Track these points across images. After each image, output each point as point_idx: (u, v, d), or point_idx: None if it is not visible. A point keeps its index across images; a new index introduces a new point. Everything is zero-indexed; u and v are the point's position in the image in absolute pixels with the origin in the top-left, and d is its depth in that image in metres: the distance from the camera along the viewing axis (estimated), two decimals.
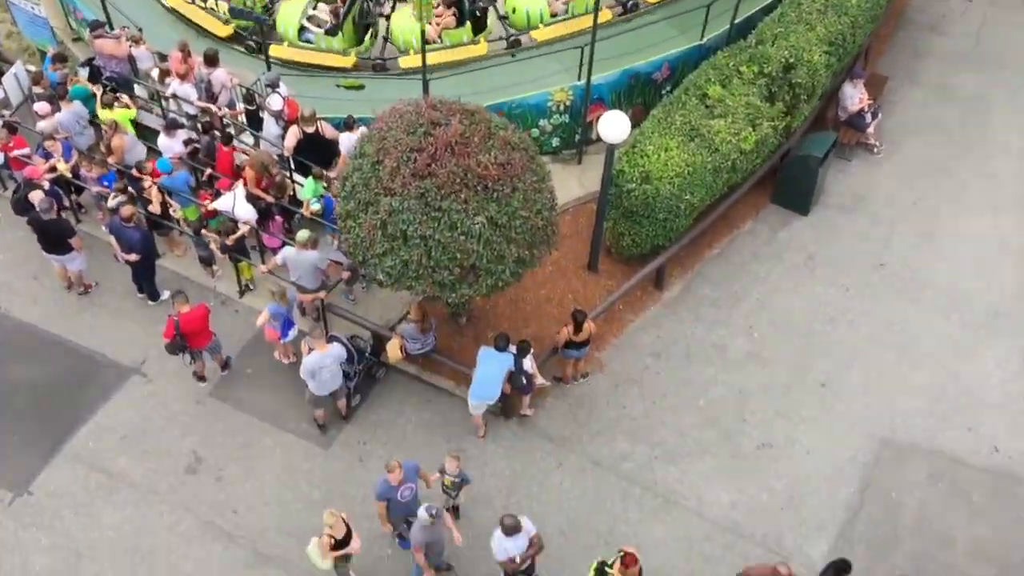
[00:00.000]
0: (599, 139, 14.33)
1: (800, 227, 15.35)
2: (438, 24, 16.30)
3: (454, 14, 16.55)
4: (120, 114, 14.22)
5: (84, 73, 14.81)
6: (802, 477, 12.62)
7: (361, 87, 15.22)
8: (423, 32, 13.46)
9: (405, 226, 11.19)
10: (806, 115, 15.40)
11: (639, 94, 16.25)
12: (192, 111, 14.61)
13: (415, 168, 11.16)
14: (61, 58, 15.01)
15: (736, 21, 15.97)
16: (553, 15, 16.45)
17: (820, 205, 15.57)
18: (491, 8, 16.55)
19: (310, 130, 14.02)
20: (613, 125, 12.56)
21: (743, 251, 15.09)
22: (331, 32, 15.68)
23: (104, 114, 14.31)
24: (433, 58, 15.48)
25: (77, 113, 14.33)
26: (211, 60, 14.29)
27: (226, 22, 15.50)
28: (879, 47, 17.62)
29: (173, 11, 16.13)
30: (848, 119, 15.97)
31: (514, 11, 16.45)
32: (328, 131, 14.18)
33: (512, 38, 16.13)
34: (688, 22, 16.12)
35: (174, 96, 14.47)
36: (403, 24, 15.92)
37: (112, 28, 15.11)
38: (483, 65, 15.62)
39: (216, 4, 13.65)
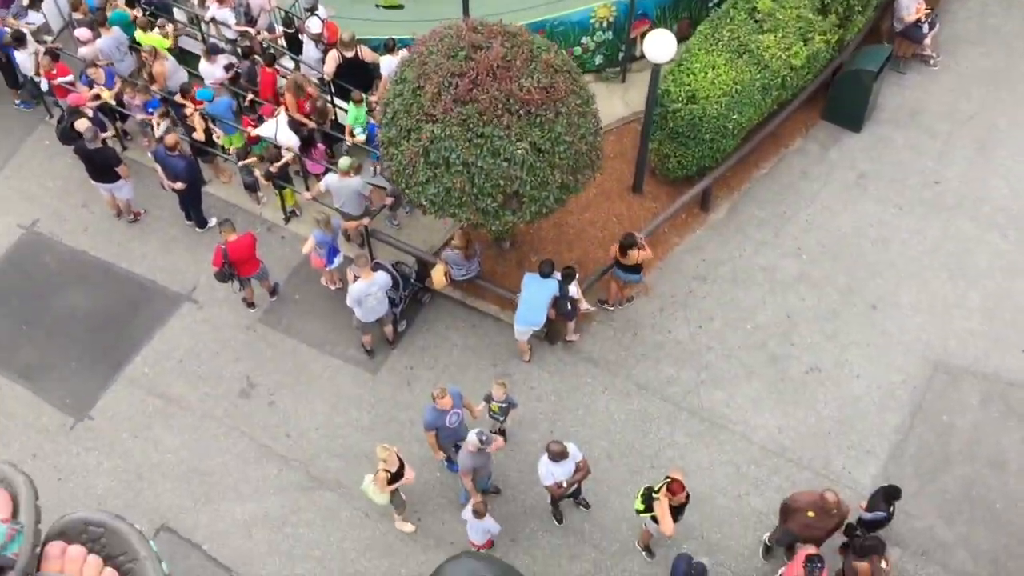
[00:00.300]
0: (643, 56, 13.96)
1: (852, 144, 14.94)
2: None
3: None
4: (156, 40, 14.13)
5: (123, 2, 14.66)
6: (851, 401, 12.56)
7: (400, 7, 14.95)
8: None
9: (447, 153, 11.09)
10: (860, 27, 14.82)
11: (685, 8, 15.76)
12: (231, 35, 14.47)
13: (456, 94, 10.99)
14: None
15: None
16: None
17: (873, 121, 15.11)
18: None
19: (349, 54, 13.83)
20: (659, 44, 12.21)
21: (792, 170, 14.76)
22: None
23: (142, 37, 14.24)
24: None
25: (117, 39, 14.26)
26: None
27: None
28: None
29: None
30: (904, 30, 15.34)
31: None
32: (368, 55, 13.99)
33: None
34: None
35: (213, 20, 14.31)
36: None
37: None
38: None
39: None
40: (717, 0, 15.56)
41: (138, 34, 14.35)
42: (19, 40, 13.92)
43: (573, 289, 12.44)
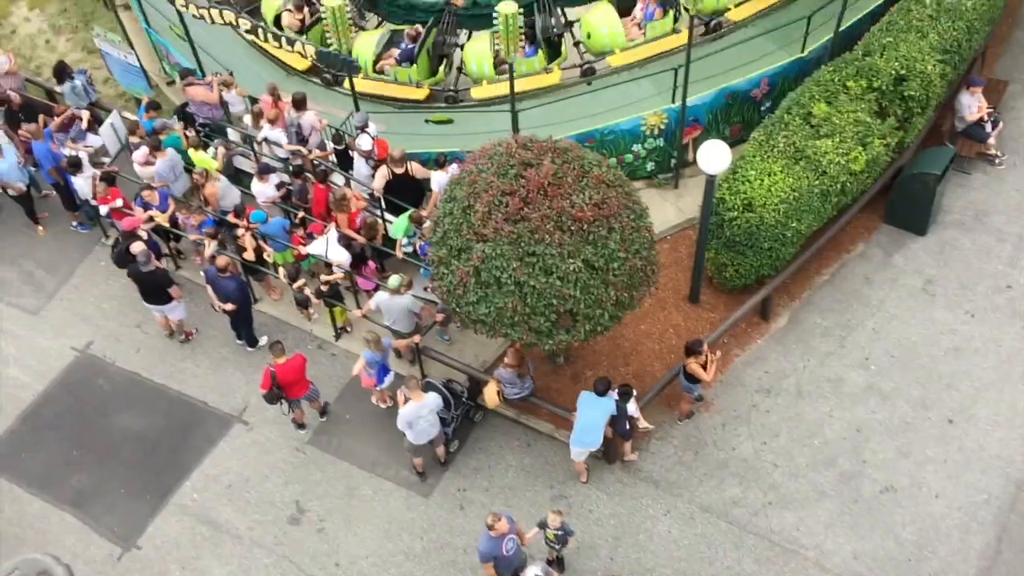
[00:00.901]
0: (695, 162, 13.80)
1: (917, 248, 14.42)
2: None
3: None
4: (205, 161, 14.30)
5: (179, 125, 14.92)
6: (931, 524, 11.80)
7: (450, 122, 14.94)
8: (511, 66, 13.11)
9: (499, 272, 10.86)
10: (920, 129, 14.45)
11: (737, 113, 15.55)
12: (283, 154, 14.58)
13: (507, 212, 10.82)
14: (155, 105, 15.17)
15: (839, 30, 15.13)
16: (630, 40, 15.83)
17: (938, 224, 14.59)
18: (567, 34, 16.02)
19: (400, 170, 13.82)
20: (713, 156, 11.96)
21: (855, 276, 14.25)
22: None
23: (193, 156, 14.42)
24: (503, 88, 15.09)
25: (172, 161, 14.46)
26: (300, 104, 14.22)
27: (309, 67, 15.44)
28: (995, 49, 16.46)
29: (254, 45, 16.15)
30: (966, 129, 14.94)
31: (589, 36, 15.89)
32: (418, 170, 13.96)
33: (586, 66, 15.61)
34: (786, 36, 15.34)
35: (265, 140, 14.45)
36: (478, 54, 15.50)
37: (203, 73, 15.20)
38: (570, 94, 15.16)
39: (303, 48, 13.57)
40: (770, 104, 15.37)
41: (189, 152, 14.54)
42: (75, 166, 14.18)
43: (631, 407, 11.99)
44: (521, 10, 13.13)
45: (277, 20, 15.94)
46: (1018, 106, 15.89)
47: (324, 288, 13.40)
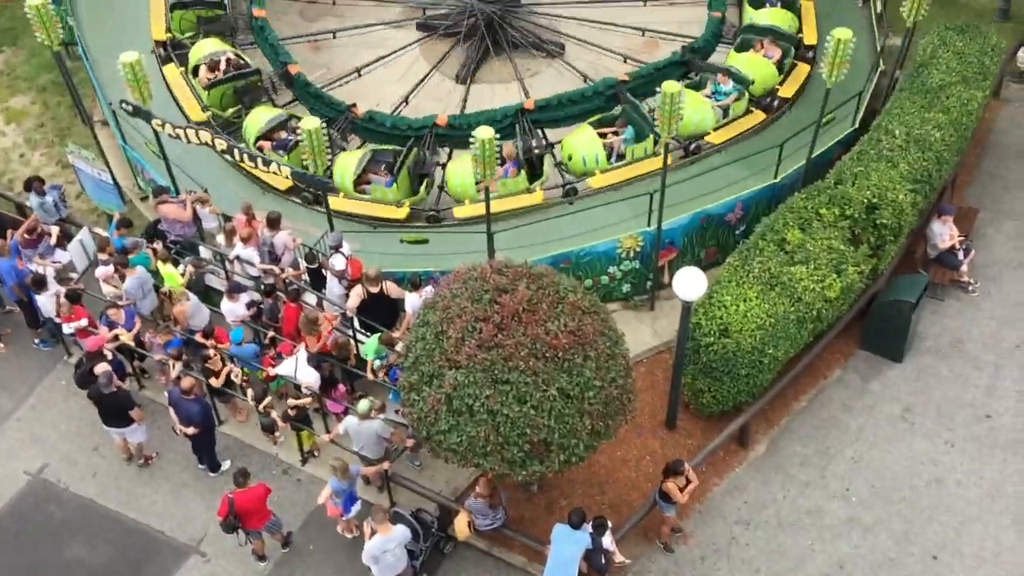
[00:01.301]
0: (671, 283, 13.77)
1: (894, 375, 14.30)
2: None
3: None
4: (171, 278, 14.08)
5: (148, 244, 14.74)
6: None
7: (425, 242, 14.84)
8: (487, 189, 13.13)
9: (471, 400, 10.58)
10: (893, 256, 14.53)
11: (712, 236, 15.61)
12: (255, 273, 14.38)
13: (481, 339, 10.60)
14: (126, 223, 14.98)
15: (811, 157, 15.34)
16: (610, 160, 16.02)
17: (914, 350, 14.52)
18: (547, 155, 16.17)
19: (375, 290, 13.63)
20: (689, 283, 11.86)
21: (832, 403, 14.07)
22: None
23: (160, 268, 14.20)
24: (482, 208, 15.16)
25: (141, 279, 14.16)
26: (274, 223, 14.10)
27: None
28: (964, 177, 16.75)
29: (234, 165, 16.17)
30: (939, 256, 15.04)
31: (571, 158, 16.07)
32: (393, 290, 13.78)
33: (568, 186, 15.72)
34: (759, 162, 15.55)
35: (237, 259, 14.26)
36: (459, 174, 15.62)
37: (177, 191, 15.10)
38: (548, 215, 15.20)
39: (279, 169, 13.54)
40: (744, 228, 15.45)
41: (157, 264, 14.32)
42: (39, 284, 13.86)
43: (607, 540, 11.57)
44: (498, 135, 13.37)
45: (195, 71, 16.90)
46: (988, 233, 16.07)
47: (292, 412, 13.02)
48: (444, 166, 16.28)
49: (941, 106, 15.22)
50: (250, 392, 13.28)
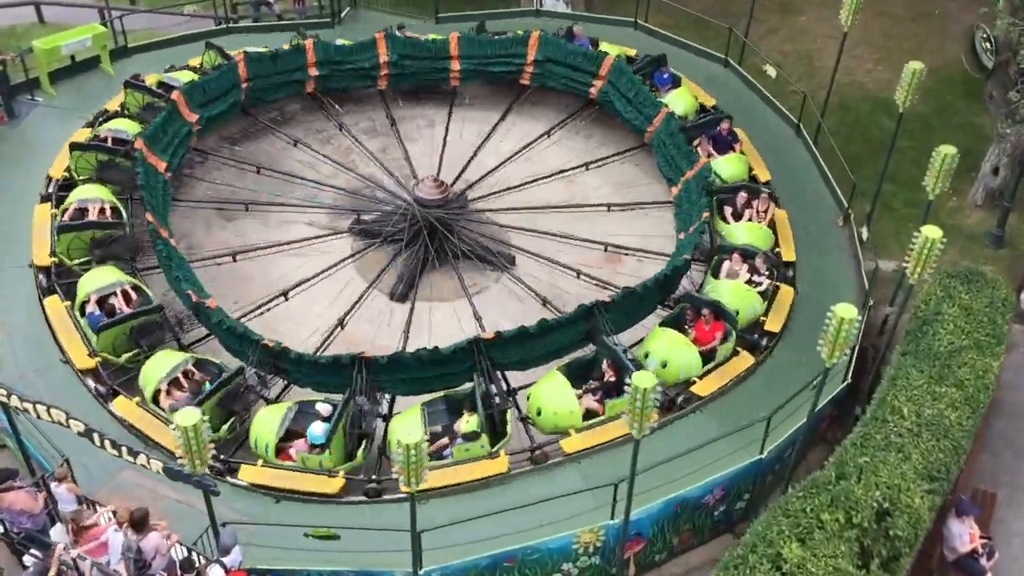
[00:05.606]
0: None
1: None
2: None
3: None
4: None
5: None
6: None
7: (336, 538, 11.85)
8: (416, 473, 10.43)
9: None
10: (907, 568, 12.01)
11: (687, 521, 13.09)
12: None
13: None
14: None
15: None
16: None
17: None
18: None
19: None
20: None
21: None
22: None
23: None
24: (441, 478, 12.52)
25: None
26: (139, 524, 10.99)
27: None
28: (973, 445, 14.45)
29: (123, 421, 13.38)
30: (958, 560, 12.55)
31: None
32: None
33: (536, 450, 13.15)
34: (746, 436, 13.14)
35: (96, 565, 11.21)
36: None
37: (32, 472, 12.08)
38: (492, 495, 12.57)
39: (148, 463, 10.72)
40: (720, 515, 13.00)
41: None
42: None
43: None
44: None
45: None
46: (1007, 519, 13.65)
47: None
48: (387, 419, 13.57)
49: (954, 379, 13.04)
50: None
